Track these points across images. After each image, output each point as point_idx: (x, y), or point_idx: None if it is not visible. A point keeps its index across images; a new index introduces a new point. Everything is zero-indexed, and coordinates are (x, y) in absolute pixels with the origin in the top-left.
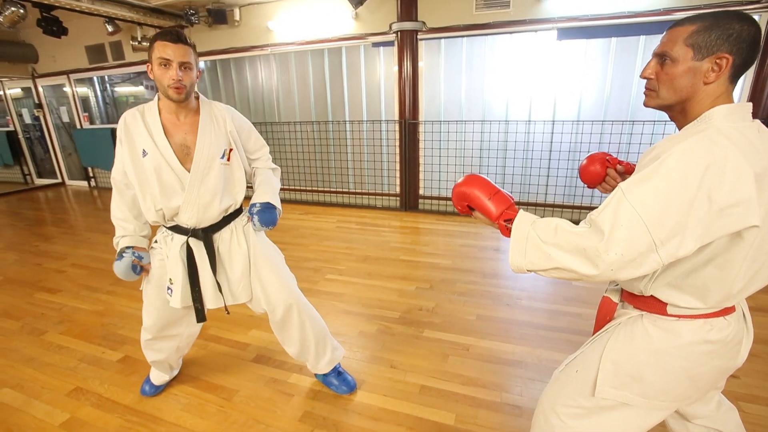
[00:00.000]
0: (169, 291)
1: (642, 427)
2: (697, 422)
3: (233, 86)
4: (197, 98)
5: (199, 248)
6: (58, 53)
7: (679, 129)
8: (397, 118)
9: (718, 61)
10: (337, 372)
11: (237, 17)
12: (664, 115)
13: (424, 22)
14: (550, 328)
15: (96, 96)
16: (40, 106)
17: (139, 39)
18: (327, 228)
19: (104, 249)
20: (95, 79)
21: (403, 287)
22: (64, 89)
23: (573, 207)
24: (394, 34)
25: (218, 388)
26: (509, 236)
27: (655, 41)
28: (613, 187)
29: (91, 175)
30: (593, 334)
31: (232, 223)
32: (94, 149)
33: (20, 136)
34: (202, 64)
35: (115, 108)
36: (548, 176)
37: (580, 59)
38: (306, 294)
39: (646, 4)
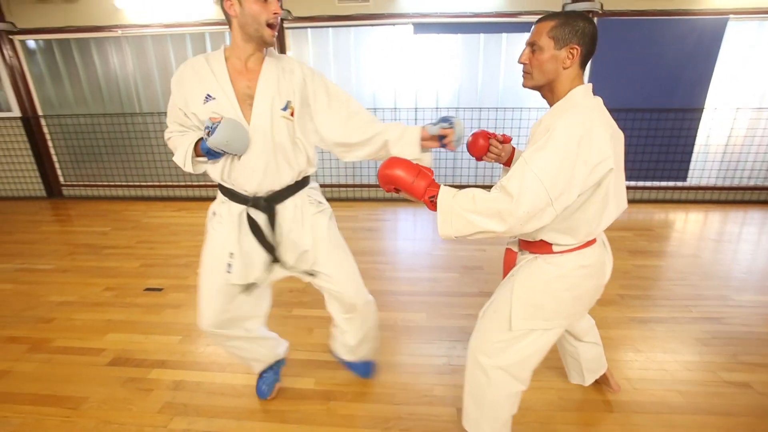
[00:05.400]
0: (229, 267)
1: (545, 346)
2: (586, 339)
3: (78, 71)
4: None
5: (259, 218)
6: None
7: (550, 105)
8: None
9: (571, 50)
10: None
11: None
12: (505, 102)
13: (289, 11)
14: (409, 293)
15: None
16: None
17: None
18: (201, 223)
19: None
20: None
21: None
22: None
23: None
24: None
25: (62, 399)
26: (435, 210)
27: (491, 39)
28: (496, 156)
29: None
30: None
31: (297, 197)
32: None
33: None
34: (32, 43)
35: None
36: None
37: (435, 52)
38: (174, 290)
39: (483, 6)
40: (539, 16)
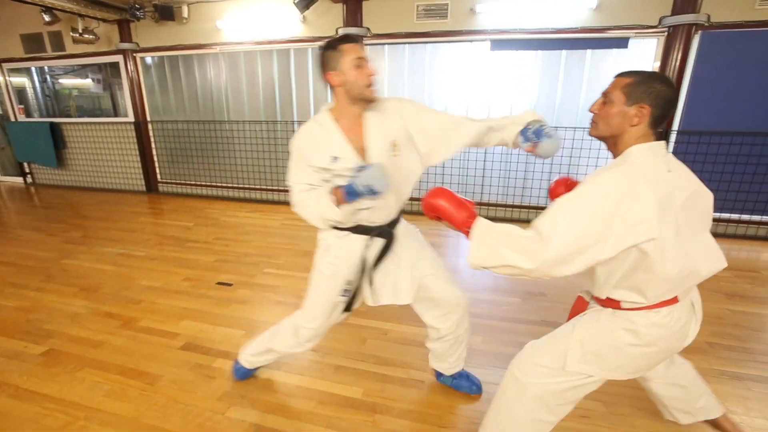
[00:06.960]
0: (345, 292)
1: (593, 388)
2: (654, 382)
3: (182, 83)
4: None
5: (377, 246)
6: None
7: (614, 158)
8: None
9: (640, 109)
10: (466, 375)
11: (185, 14)
12: (585, 122)
13: (368, 28)
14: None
15: (34, 87)
16: None
17: (80, 31)
18: (272, 225)
19: (36, 246)
20: (33, 69)
21: None
22: None
23: (506, 206)
24: None
25: (143, 374)
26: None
27: (573, 55)
28: None
29: (27, 170)
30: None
31: (402, 218)
32: (31, 143)
33: None
34: (149, 59)
35: (56, 101)
36: (483, 176)
37: (511, 69)
38: (242, 286)
39: (566, 21)
40: (630, 31)
